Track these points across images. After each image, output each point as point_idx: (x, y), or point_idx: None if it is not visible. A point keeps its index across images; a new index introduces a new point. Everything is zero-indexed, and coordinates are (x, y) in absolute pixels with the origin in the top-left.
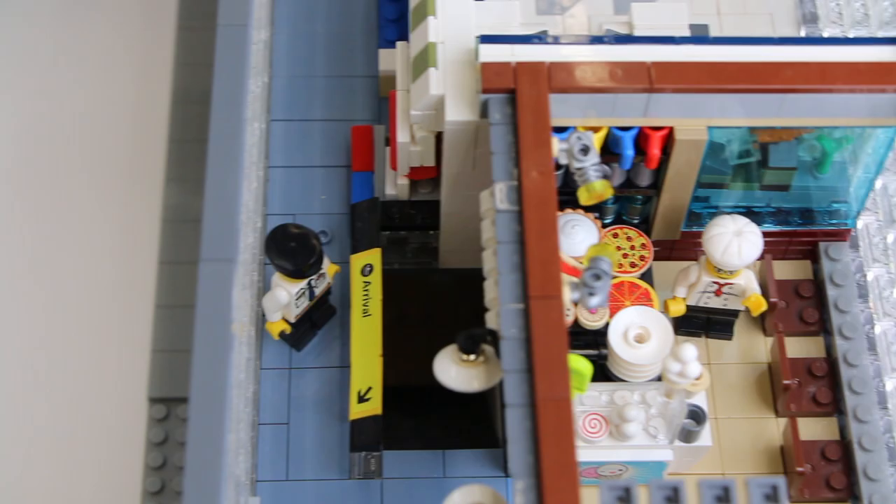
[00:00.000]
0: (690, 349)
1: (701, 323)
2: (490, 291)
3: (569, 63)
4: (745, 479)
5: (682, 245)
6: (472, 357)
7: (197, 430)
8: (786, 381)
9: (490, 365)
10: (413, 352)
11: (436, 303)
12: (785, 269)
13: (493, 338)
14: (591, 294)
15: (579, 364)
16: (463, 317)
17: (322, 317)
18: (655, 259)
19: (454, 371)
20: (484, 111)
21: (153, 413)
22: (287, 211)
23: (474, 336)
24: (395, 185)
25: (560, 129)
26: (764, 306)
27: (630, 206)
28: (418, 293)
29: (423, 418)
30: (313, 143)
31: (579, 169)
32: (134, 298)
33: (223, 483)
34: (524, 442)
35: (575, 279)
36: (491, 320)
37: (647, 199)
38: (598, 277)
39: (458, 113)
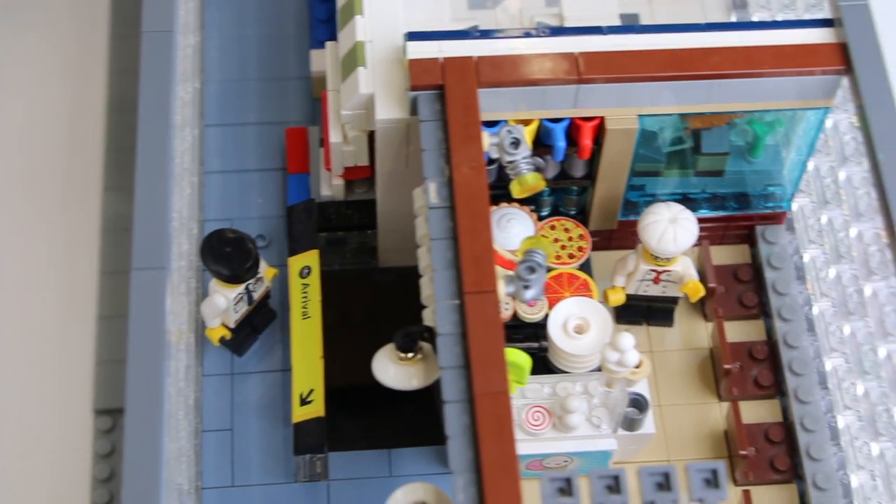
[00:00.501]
0: (627, 338)
1: (641, 311)
2: (426, 288)
3: (497, 57)
4: (685, 464)
5: (620, 234)
6: (410, 355)
7: (134, 441)
8: (727, 366)
9: (428, 362)
10: (356, 351)
11: (377, 302)
12: (723, 254)
13: (431, 335)
14: (526, 287)
15: (517, 357)
16: (404, 315)
17: (262, 321)
18: (593, 249)
19: (392, 370)
20: (414, 108)
21: (99, 425)
22: (224, 216)
23: (411, 334)
24: (330, 186)
25: (491, 124)
26: (702, 292)
27: (566, 197)
28: (359, 293)
29: (368, 418)
30: (248, 146)
31: (511, 162)
32: (76, 309)
33: (162, 493)
34: (463, 437)
35: (510, 273)
36: (428, 317)
37: (583, 190)
38: (532, 270)
39: (388, 111)
